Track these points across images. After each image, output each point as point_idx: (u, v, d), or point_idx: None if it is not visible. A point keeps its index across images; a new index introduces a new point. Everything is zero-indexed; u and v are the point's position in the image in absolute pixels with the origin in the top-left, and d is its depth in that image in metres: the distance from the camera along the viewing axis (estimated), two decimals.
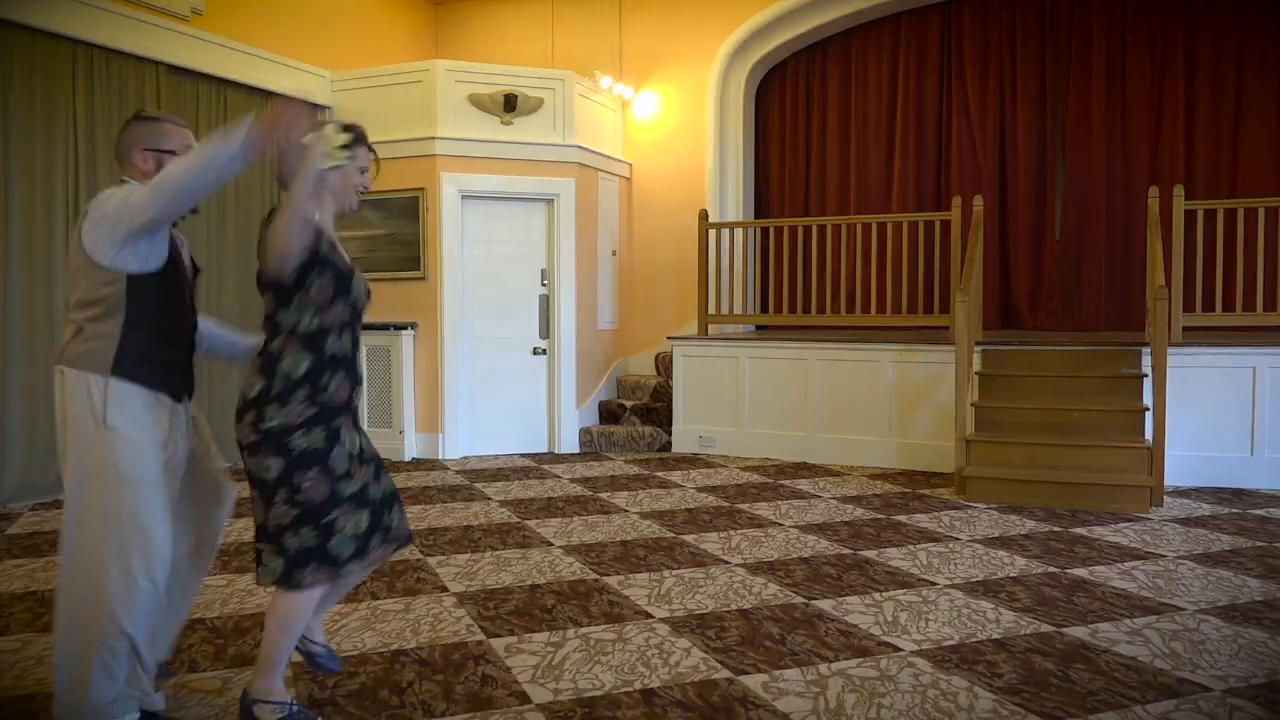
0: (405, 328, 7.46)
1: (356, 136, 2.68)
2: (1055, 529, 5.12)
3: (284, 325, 2.62)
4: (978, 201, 6.94)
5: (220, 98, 7.00)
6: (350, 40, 8.39)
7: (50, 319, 5.77)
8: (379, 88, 7.69)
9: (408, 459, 7.45)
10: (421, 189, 7.46)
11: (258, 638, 3.45)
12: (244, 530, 5.12)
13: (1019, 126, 8.29)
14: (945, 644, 3.37)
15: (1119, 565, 4.38)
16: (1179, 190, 6.48)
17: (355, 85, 7.80)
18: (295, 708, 2.65)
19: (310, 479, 2.56)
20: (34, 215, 5.74)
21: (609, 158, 8.48)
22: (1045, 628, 3.54)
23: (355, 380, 2.71)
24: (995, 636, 3.45)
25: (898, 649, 3.32)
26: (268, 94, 7.32)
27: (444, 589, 4.06)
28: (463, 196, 7.52)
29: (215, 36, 6.87)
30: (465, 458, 7.54)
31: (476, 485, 6.42)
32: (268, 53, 7.31)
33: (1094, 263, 8.08)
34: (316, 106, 2.54)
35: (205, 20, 6.84)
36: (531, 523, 5.31)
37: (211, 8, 6.88)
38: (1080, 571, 4.29)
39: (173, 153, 2.66)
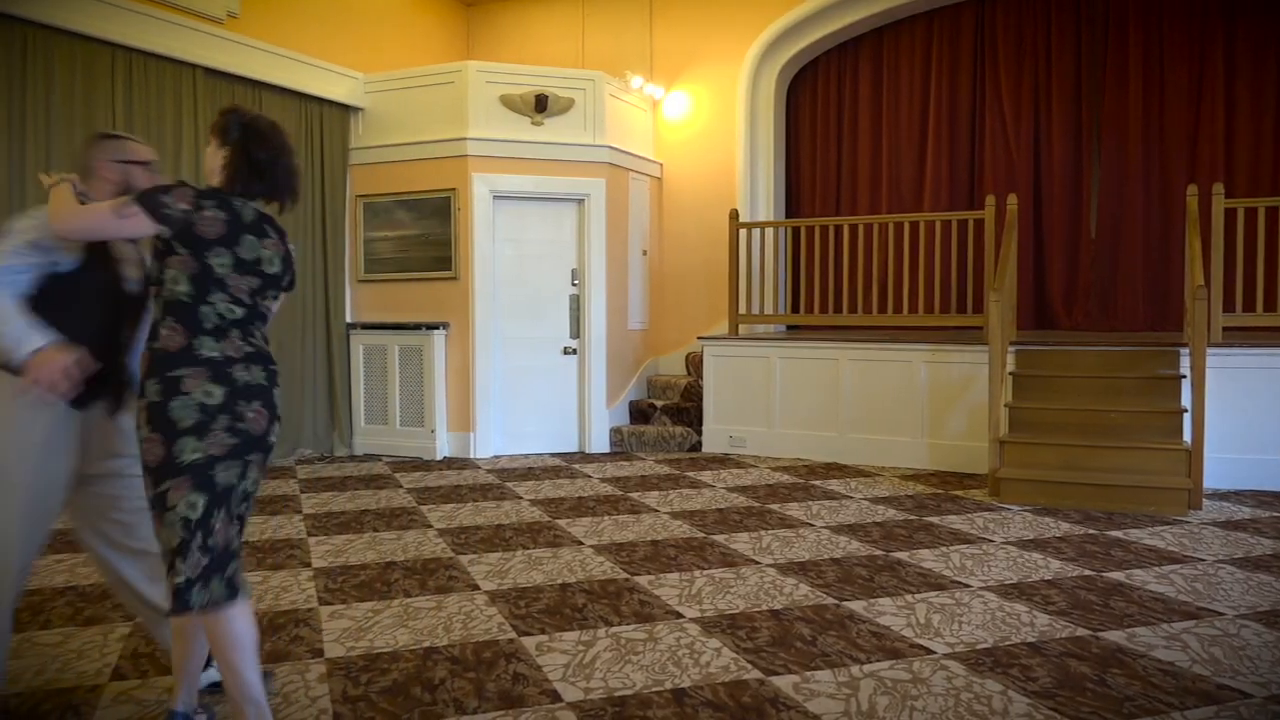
0: (437, 327, 7.51)
1: None
2: (1091, 531, 5.05)
3: None
4: (1011, 200, 6.86)
5: (255, 99, 7.08)
6: (383, 42, 8.46)
7: None
8: (411, 89, 7.75)
9: (439, 458, 7.50)
10: (453, 189, 7.50)
11: (292, 634, 3.49)
12: (279, 528, 5.18)
13: (1054, 124, 8.19)
14: (979, 647, 3.34)
15: (1156, 569, 4.32)
16: (1218, 188, 6.38)
17: (388, 87, 7.86)
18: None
19: None
20: None
21: (639, 157, 8.49)
22: (1081, 631, 3.50)
23: None
24: (1030, 640, 3.41)
25: (930, 651, 3.29)
26: (301, 96, 7.41)
27: (475, 587, 4.08)
28: (494, 196, 7.56)
29: (250, 39, 6.95)
30: (496, 457, 7.58)
31: (507, 484, 6.45)
32: (302, 55, 7.38)
33: (1130, 262, 7.96)
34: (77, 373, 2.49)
35: (240, 23, 6.92)
36: (562, 522, 5.33)
37: (246, 11, 6.96)
38: (1116, 575, 4.23)
39: (141, 163, 2.81)
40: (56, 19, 5.62)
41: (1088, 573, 4.27)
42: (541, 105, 7.60)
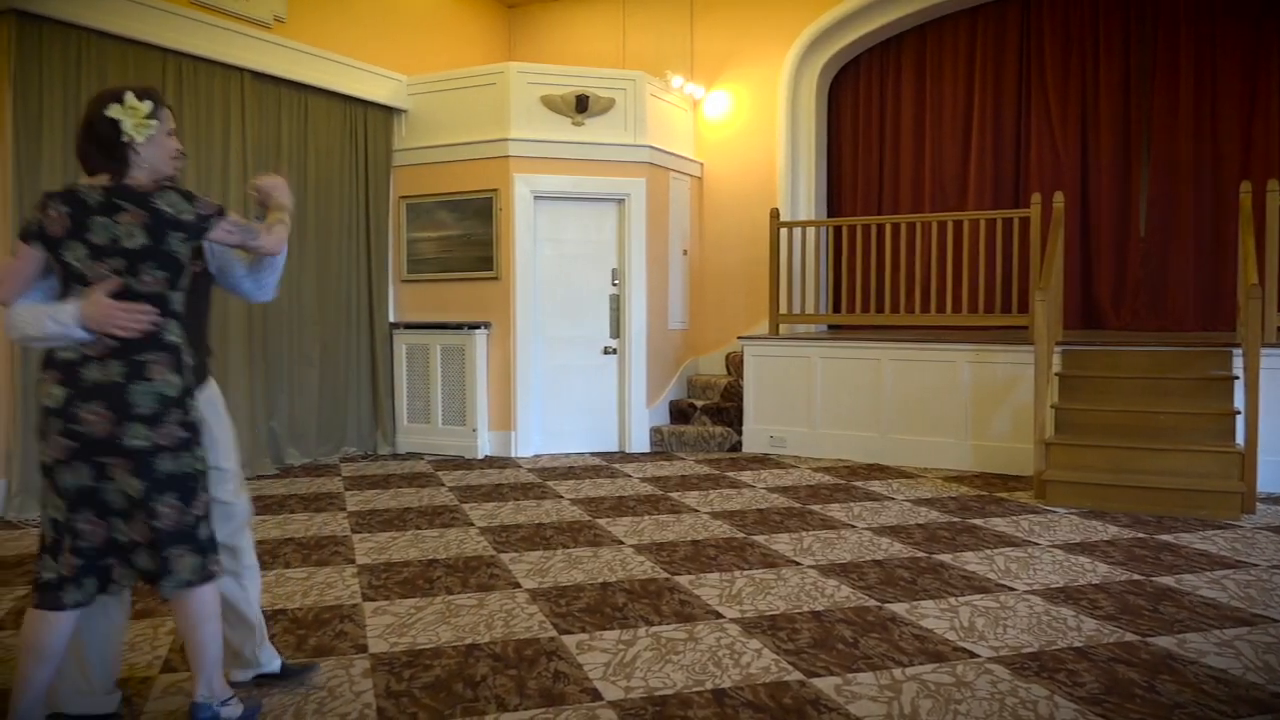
0: (478, 327, 7.56)
1: (155, 100, 2.55)
2: (1140, 535, 4.96)
3: (172, 307, 2.52)
4: (1058, 198, 6.76)
5: (301, 103, 7.18)
6: (426, 44, 8.54)
7: None
8: (454, 90, 7.82)
9: (480, 456, 7.55)
10: (495, 190, 7.55)
11: (337, 629, 3.53)
12: (324, 525, 5.25)
13: (1101, 120, 8.04)
14: (1024, 651, 3.29)
15: (1208, 574, 4.23)
16: (1274, 185, 6.22)
17: (430, 88, 7.93)
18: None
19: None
20: None
21: (680, 157, 8.48)
22: (1129, 637, 3.44)
23: None
24: (1077, 645, 3.36)
25: (974, 655, 3.26)
26: (346, 98, 7.51)
27: (517, 585, 4.10)
28: (535, 197, 7.59)
29: (296, 43, 7.05)
30: (537, 456, 7.62)
31: (548, 483, 6.48)
32: (347, 58, 7.48)
33: (1181, 260, 7.80)
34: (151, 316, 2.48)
35: (287, 27, 7.02)
36: (602, 521, 5.34)
37: (293, 15, 7.07)
38: (1166, 580, 4.15)
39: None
40: (110, 24, 5.74)
41: (1136, 577, 4.19)
42: (582, 105, 7.63)
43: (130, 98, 2.48)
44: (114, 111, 2.47)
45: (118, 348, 2.42)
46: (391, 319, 7.98)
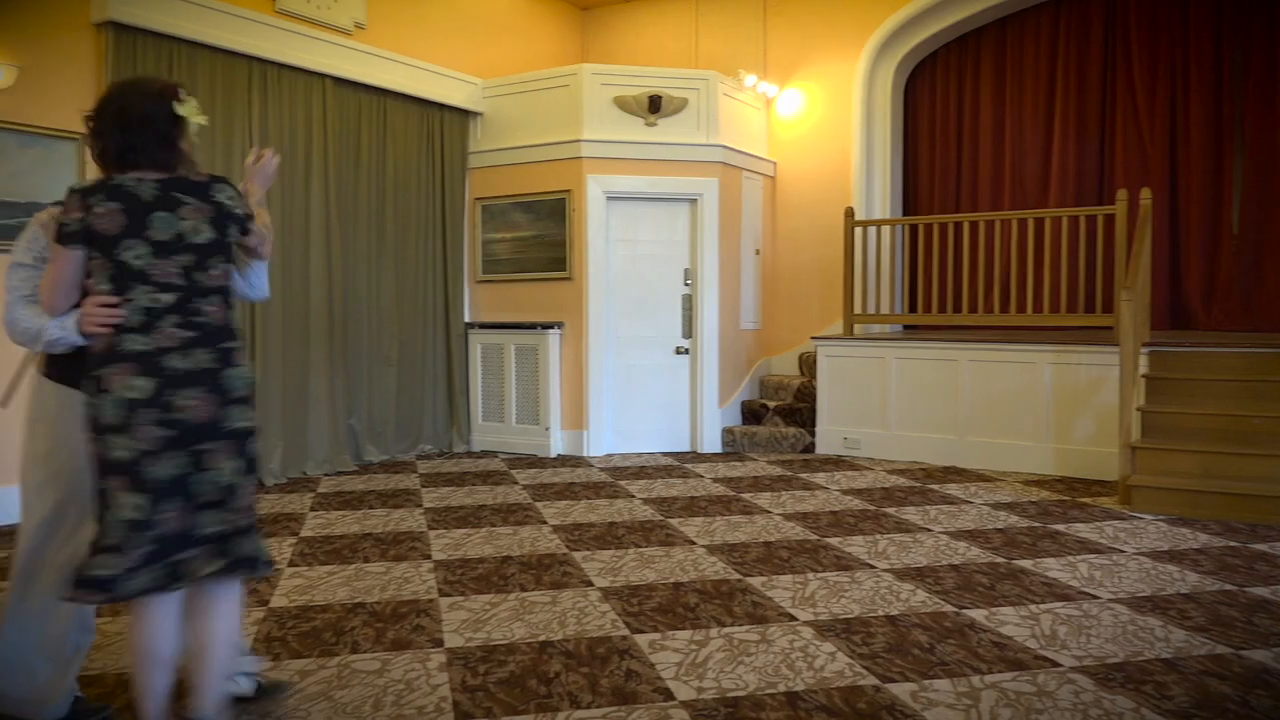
0: (552, 327, 7.63)
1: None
2: (1232, 544, 4.78)
3: (233, 299, 2.56)
4: (1145, 194, 6.54)
5: (380, 106, 7.34)
6: (500, 47, 8.64)
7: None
8: (528, 92, 7.90)
9: (553, 455, 7.62)
10: (568, 191, 7.61)
11: (414, 623, 3.60)
12: (400, 521, 5.35)
13: (1191, 112, 7.76)
14: (1109, 661, 3.20)
15: None
16: None
17: (505, 91, 8.03)
18: None
19: None
20: None
21: (753, 156, 8.43)
22: (1221, 649, 3.31)
23: None
24: (1165, 656, 3.25)
25: (1056, 664, 3.17)
26: (423, 102, 7.64)
27: (589, 584, 4.13)
28: (608, 197, 7.63)
29: (376, 49, 7.20)
30: (609, 455, 7.65)
31: (620, 482, 6.51)
32: (424, 62, 7.62)
33: (1277, 257, 7.48)
34: None
35: (367, 34, 7.18)
36: (674, 521, 5.34)
37: (373, 21, 7.23)
38: (1261, 590, 3.99)
39: None
40: (201, 34, 5.94)
41: (1229, 587, 4.04)
42: (655, 106, 7.64)
43: (187, 96, 2.49)
44: (180, 109, 2.46)
45: (198, 338, 2.39)
46: (467, 319, 8.10)
